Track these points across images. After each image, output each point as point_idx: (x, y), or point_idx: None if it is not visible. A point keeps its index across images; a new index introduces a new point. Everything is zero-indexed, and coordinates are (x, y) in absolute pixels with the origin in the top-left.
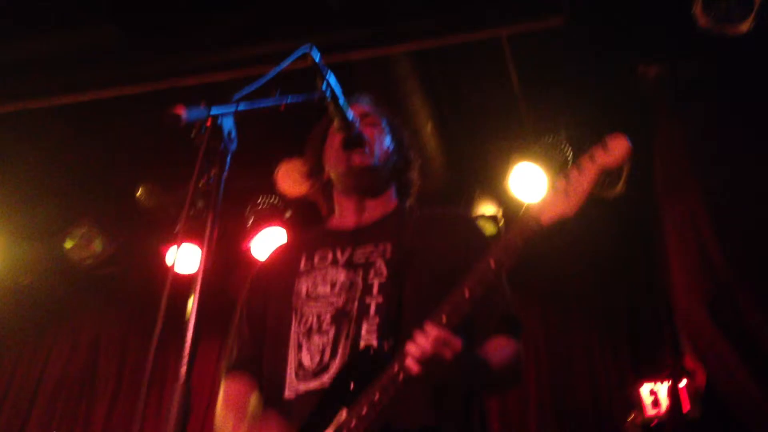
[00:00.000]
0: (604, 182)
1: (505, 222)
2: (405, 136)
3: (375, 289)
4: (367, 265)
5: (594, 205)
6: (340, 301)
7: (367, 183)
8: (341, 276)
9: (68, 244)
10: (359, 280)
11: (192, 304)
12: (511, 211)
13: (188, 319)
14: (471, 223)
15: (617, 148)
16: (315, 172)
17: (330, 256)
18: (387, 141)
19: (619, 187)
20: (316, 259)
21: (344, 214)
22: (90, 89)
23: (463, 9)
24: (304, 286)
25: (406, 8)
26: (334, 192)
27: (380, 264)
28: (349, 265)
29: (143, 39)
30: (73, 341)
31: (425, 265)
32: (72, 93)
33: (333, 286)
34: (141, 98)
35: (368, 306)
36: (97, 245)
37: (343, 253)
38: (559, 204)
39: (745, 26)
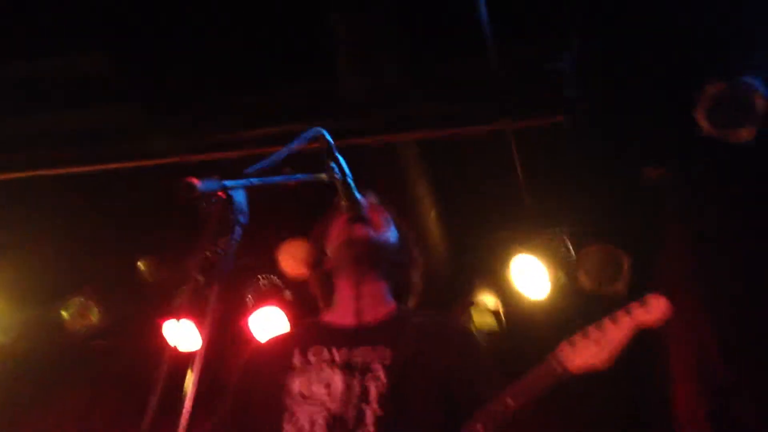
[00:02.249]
0: (604, 279)
1: (507, 316)
2: (410, 235)
3: (373, 397)
4: (364, 370)
5: (594, 306)
6: (335, 406)
7: (365, 256)
8: (337, 378)
9: (64, 314)
10: (356, 384)
11: (190, 381)
12: (511, 303)
13: (185, 396)
14: (471, 337)
15: (657, 308)
16: (317, 260)
17: (326, 354)
18: (391, 230)
19: (621, 285)
20: (310, 356)
21: (341, 307)
22: (99, 162)
23: (471, 102)
24: (296, 384)
25: (414, 98)
26: (335, 280)
27: (378, 370)
28: (346, 366)
29: (160, 116)
30: (63, 413)
31: (425, 377)
32: (82, 165)
33: (328, 387)
34: (147, 171)
35: (364, 414)
36: (94, 316)
37: (339, 352)
38: (591, 354)
39: (747, 134)
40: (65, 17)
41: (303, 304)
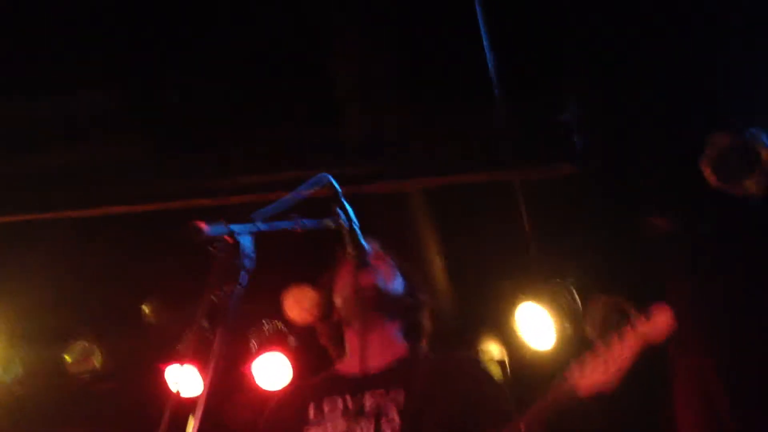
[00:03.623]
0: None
1: (512, 366)
2: (416, 278)
3: None
4: (378, 414)
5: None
6: None
7: (372, 304)
8: (352, 426)
9: (67, 358)
10: (371, 429)
11: (192, 426)
12: (516, 353)
13: None
14: (483, 370)
15: (661, 320)
16: (326, 311)
17: (340, 404)
18: (395, 275)
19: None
20: (325, 409)
21: (353, 357)
22: (104, 204)
23: (477, 151)
24: None
25: (421, 146)
26: (344, 329)
27: (393, 413)
28: (360, 413)
29: (166, 159)
30: None
31: (439, 416)
32: (86, 207)
33: None
34: (153, 214)
35: None
36: (96, 360)
37: (353, 400)
38: (598, 374)
39: (753, 187)
40: (67, 53)
41: (307, 351)
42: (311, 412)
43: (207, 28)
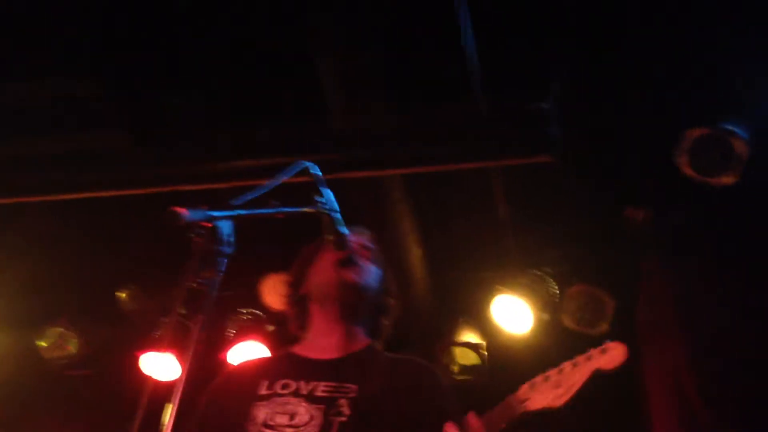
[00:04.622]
0: (587, 319)
1: (489, 352)
2: (390, 280)
3: (334, 429)
4: (330, 401)
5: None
6: None
7: (351, 300)
8: (301, 409)
9: (42, 343)
10: (319, 415)
11: (169, 412)
12: (495, 341)
13: (163, 428)
14: (436, 378)
15: (615, 355)
16: (295, 284)
17: (293, 386)
18: (375, 270)
19: (604, 326)
20: (277, 387)
21: (314, 340)
22: (82, 189)
23: (456, 141)
24: (261, 413)
25: (400, 135)
26: (311, 309)
27: (343, 403)
28: (311, 398)
29: (147, 144)
30: None
31: (388, 413)
32: (64, 191)
33: (292, 417)
34: (132, 200)
35: None
36: (72, 346)
37: (307, 385)
38: (548, 394)
39: (729, 179)
40: (56, 39)
41: (285, 338)
42: (263, 390)
43: (194, 18)
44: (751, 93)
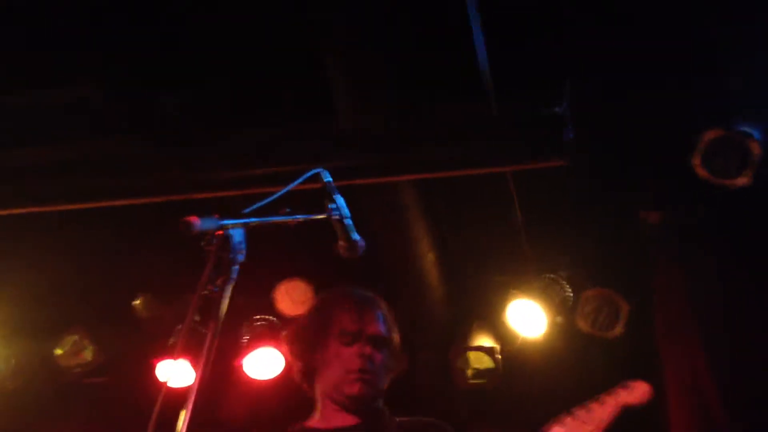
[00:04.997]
0: (602, 322)
1: (503, 356)
2: (398, 345)
3: None
4: None
5: (593, 346)
6: None
7: (364, 404)
8: None
9: (58, 351)
10: None
11: (183, 419)
12: (509, 345)
13: None
14: None
15: (639, 392)
16: (305, 351)
17: None
18: (386, 360)
19: (619, 329)
20: None
21: (325, 415)
22: (96, 198)
23: (471, 145)
24: None
25: (414, 139)
26: (317, 387)
27: None
28: None
29: (158, 153)
30: None
31: None
32: (78, 200)
33: None
34: (146, 208)
35: None
36: (88, 354)
37: None
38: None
39: (742, 180)
40: (65, 47)
41: None
42: None
43: (202, 23)
44: (764, 93)
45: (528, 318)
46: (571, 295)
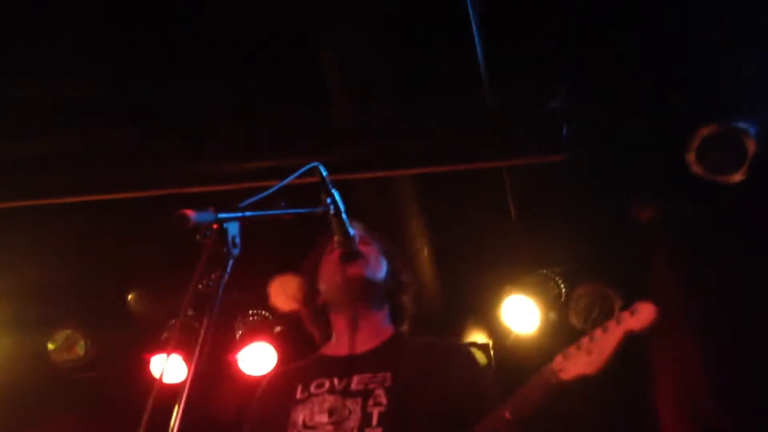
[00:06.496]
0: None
1: (496, 352)
2: (398, 260)
3: (374, 420)
4: (366, 393)
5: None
6: (339, 431)
7: (361, 294)
8: (339, 405)
9: (51, 346)
10: (358, 408)
11: (176, 414)
12: (502, 341)
13: (171, 430)
14: (469, 355)
15: (644, 314)
16: (310, 296)
17: (327, 384)
18: (381, 260)
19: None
20: (312, 388)
21: (340, 340)
22: (90, 191)
23: (466, 139)
24: (300, 415)
25: (409, 134)
26: (330, 314)
27: (380, 393)
28: (347, 393)
29: (154, 146)
30: None
31: (426, 399)
32: (72, 194)
33: (330, 414)
34: (139, 202)
35: None
36: (80, 349)
37: (340, 381)
38: (582, 362)
39: (737, 177)
40: (57, 38)
41: (293, 339)
42: (298, 393)
43: (197, 15)
44: (760, 89)
45: (521, 314)
46: (565, 291)
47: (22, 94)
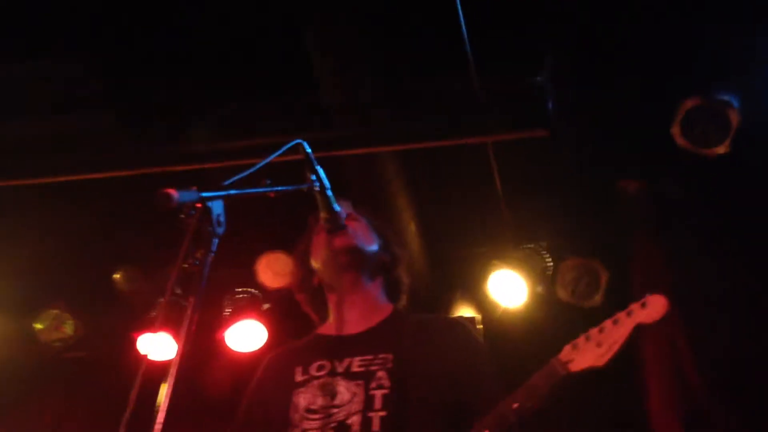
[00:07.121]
0: (581, 291)
1: (484, 326)
2: (389, 234)
3: (378, 403)
4: (369, 375)
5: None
6: (342, 414)
7: (350, 264)
8: (341, 387)
9: (39, 326)
10: (361, 391)
11: (165, 392)
12: (490, 315)
13: (159, 408)
14: (470, 333)
15: (656, 307)
16: (305, 277)
17: (328, 365)
18: (371, 233)
19: (598, 297)
20: (312, 371)
21: (337, 319)
22: (74, 171)
23: (451, 115)
24: (302, 399)
25: (394, 110)
26: (326, 293)
27: (382, 375)
28: (349, 375)
29: (138, 125)
30: (36, 425)
31: (429, 379)
32: (57, 174)
33: (333, 397)
34: (125, 181)
35: (370, 420)
36: (68, 328)
37: (341, 363)
38: (592, 354)
39: (721, 149)
40: (40, 21)
41: (282, 316)
42: (299, 376)
43: None
44: (743, 62)
45: (508, 288)
46: (551, 264)
47: (4, 76)
